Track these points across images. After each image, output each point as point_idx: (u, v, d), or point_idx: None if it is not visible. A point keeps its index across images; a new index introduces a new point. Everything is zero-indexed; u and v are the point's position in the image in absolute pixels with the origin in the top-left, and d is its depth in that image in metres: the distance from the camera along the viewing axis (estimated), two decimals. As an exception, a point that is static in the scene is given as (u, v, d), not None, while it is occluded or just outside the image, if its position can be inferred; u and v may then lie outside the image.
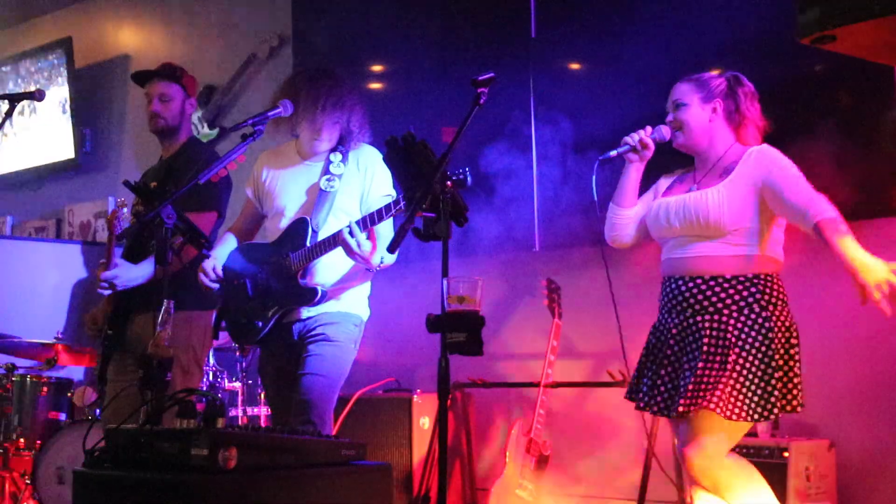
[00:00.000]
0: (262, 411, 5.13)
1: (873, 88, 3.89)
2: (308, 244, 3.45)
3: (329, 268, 3.50)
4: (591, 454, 4.74)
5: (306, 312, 3.51)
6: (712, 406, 2.89)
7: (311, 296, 3.44)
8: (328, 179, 3.53)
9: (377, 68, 5.64)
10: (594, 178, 3.24)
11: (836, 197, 2.99)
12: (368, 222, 3.30)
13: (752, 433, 3.91)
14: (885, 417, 3.93)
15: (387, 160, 2.76)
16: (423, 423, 4.85)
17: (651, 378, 3.15)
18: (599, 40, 4.66)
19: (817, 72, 3.96)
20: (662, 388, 3.10)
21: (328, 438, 2.63)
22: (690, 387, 2.95)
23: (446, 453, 2.48)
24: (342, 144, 3.60)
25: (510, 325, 5.01)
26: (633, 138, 3.23)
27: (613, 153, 3.25)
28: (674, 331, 3.10)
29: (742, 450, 3.82)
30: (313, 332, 3.49)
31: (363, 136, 3.61)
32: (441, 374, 2.42)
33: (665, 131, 3.21)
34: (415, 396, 4.87)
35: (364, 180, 3.56)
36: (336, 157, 3.57)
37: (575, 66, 4.80)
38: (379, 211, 3.29)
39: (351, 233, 3.27)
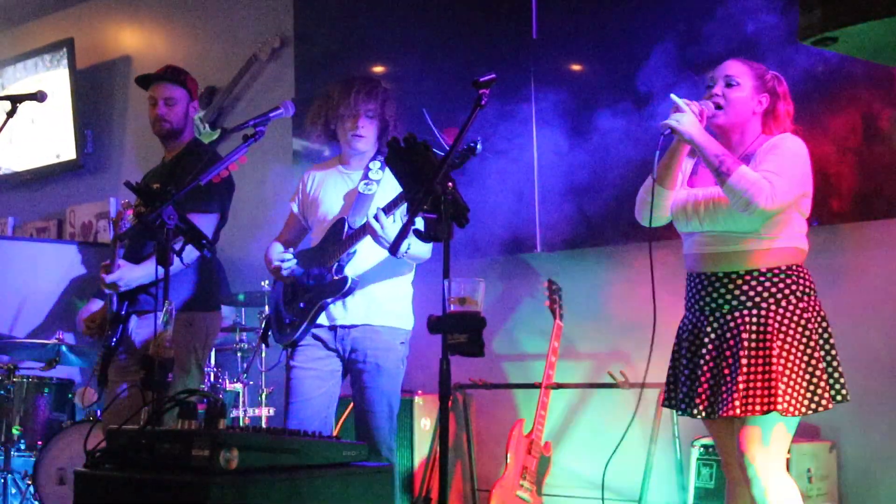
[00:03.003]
0: (264, 412, 5.13)
1: (876, 90, 3.89)
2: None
3: (360, 259, 3.58)
4: (592, 456, 4.74)
5: (350, 318, 3.55)
6: (778, 407, 2.78)
7: (341, 285, 3.51)
8: (366, 184, 3.65)
9: (378, 69, 5.65)
10: (658, 154, 2.98)
11: (839, 198, 2.98)
12: (392, 206, 3.38)
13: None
14: (887, 419, 3.93)
15: (388, 161, 2.76)
16: (425, 424, 4.86)
17: (689, 382, 3.02)
18: (600, 41, 4.66)
19: (819, 73, 3.96)
20: (702, 391, 2.96)
21: (329, 439, 2.63)
22: (741, 386, 2.84)
23: (447, 454, 2.48)
24: (380, 153, 3.70)
25: (511, 327, 5.01)
26: (707, 106, 2.97)
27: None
28: (708, 329, 2.99)
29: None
30: (366, 360, 3.55)
31: (399, 128, 3.70)
32: (442, 376, 2.42)
33: (709, 107, 2.99)
34: (416, 397, 4.87)
35: None
36: (375, 165, 3.69)
37: (576, 67, 4.80)
38: (401, 194, 3.33)
39: (376, 217, 3.35)
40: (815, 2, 1.87)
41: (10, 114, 3.66)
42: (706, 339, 2.99)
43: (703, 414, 2.96)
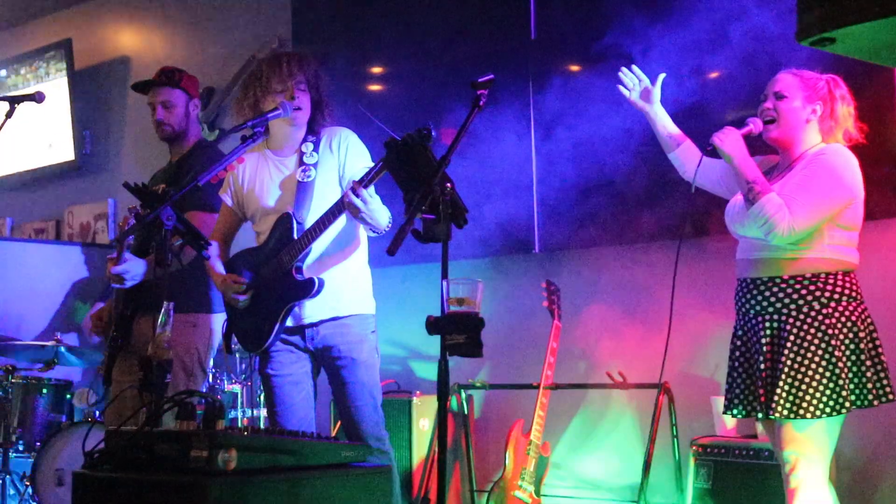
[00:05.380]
0: (262, 413, 5.13)
1: (874, 90, 3.89)
2: (296, 237, 3.42)
3: (313, 251, 3.47)
4: (590, 456, 4.74)
5: (316, 315, 3.48)
6: (777, 414, 2.93)
7: (308, 288, 3.41)
8: (304, 171, 3.50)
9: (377, 70, 5.65)
10: (697, 169, 3.25)
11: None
12: (366, 181, 3.22)
13: (752, 434, 3.92)
14: (884, 421, 3.93)
15: (386, 162, 2.75)
16: (423, 424, 4.86)
17: (728, 381, 3.19)
18: (599, 42, 4.66)
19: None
20: (738, 390, 3.14)
21: (328, 440, 2.63)
22: (761, 391, 2.99)
23: (446, 455, 2.48)
24: (312, 133, 3.57)
25: (510, 327, 5.01)
26: (756, 125, 3.13)
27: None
28: (739, 332, 3.16)
29: (743, 451, 3.82)
30: (340, 355, 3.48)
31: (331, 107, 3.59)
32: (441, 376, 2.42)
33: (757, 124, 3.12)
34: (414, 398, 4.87)
35: (339, 158, 3.53)
36: (308, 147, 3.54)
37: (574, 68, 4.80)
38: (371, 170, 3.23)
39: (356, 192, 3.20)
40: (813, 2, 1.87)
41: (9, 115, 3.66)
42: (738, 343, 3.16)
43: (742, 414, 3.14)
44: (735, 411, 3.14)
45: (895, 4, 1.75)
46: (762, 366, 3.00)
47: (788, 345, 2.95)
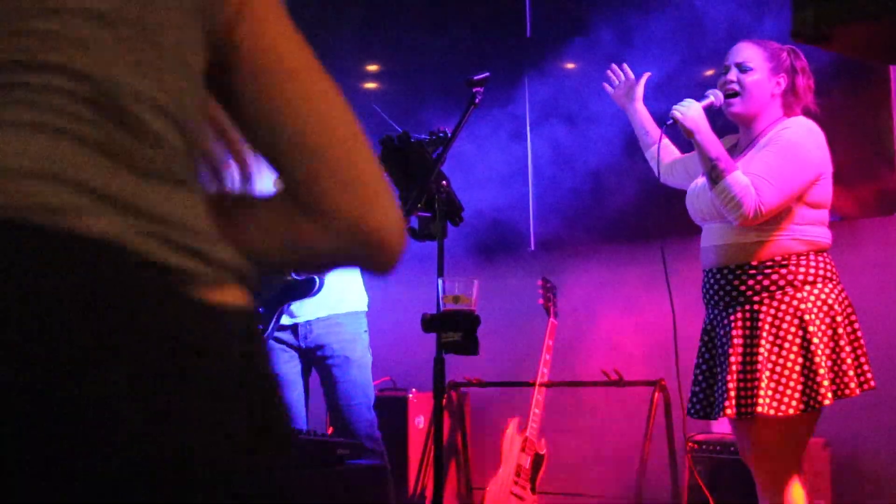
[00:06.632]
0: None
1: (869, 88, 3.90)
2: None
3: None
4: (587, 454, 4.74)
5: (310, 312, 3.48)
6: (759, 409, 2.72)
7: (309, 287, 3.41)
8: None
9: (372, 68, 5.64)
10: (660, 137, 3.09)
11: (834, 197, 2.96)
12: None
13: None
14: (880, 416, 3.94)
15: (382, 160, 2.75)
16: (419, 422, 4.86)
17: (694, 381, 2.99)
18: (594, 40, 4.67)
19: (812, 71, 3.96)
20: (698, 389, 2.94)
21: (324, 438, 2.63)
22: (730, 386, 2.78)
23: (442, 452, 2.48)
24: None
25: (506, 325, 5.01)
26: (718, 98, 2.91)
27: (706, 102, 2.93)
28: (707, 327, 2.96)
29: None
30: (333, 354, 3.47)
31: None
32: (436, 374, 2.42)
33: (718, 97, 2.91)
34: (410, 396, 4.87)
35: None
36: None
37: (570, 66, 4.80)
38: None
39: None
40: (808, 0, 1.87)
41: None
42: (706, 338, 2.97)
43: (700, 415, 2.95)
44: (695, 412, 2.95)
45: (891, 3, 1.75)
46: (731, 359, 2.80)
47: (764, 335, 2.76)
